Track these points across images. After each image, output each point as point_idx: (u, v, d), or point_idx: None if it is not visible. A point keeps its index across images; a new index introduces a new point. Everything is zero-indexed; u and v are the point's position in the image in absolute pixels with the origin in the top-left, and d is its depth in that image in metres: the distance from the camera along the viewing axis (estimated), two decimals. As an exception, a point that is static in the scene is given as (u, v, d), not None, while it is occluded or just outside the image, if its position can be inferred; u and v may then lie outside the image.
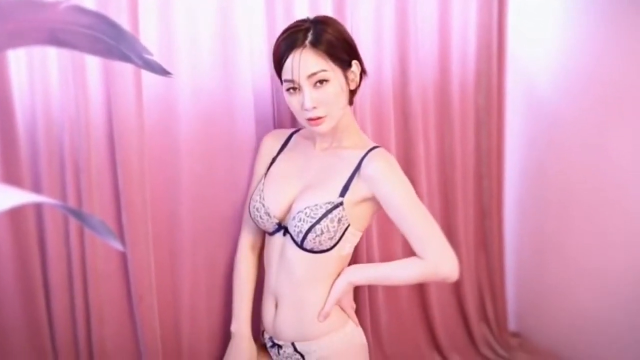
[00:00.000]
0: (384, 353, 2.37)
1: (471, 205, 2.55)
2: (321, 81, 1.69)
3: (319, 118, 1.71)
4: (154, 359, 1.91)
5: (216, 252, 2.03)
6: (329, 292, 1.80)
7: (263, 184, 1.87)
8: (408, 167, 2.34)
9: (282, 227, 1.82)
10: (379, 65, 2.21)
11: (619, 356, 2.36)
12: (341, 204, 1.74)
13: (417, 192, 2.30)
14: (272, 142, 1.95)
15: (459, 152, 2.46)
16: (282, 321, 1.83)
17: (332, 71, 1.70)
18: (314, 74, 1.68)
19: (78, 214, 1.20)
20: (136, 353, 1.92)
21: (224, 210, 2.02)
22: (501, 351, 2.61)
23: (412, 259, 1.75)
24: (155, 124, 1.89)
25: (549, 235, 2.61)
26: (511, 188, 2.66)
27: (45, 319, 1.80)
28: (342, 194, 1.75)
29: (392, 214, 1.75)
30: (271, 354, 1.91)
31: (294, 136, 1.95)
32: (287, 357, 1.86)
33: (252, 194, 1.89)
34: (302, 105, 1.70)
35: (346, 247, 1.79)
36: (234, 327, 1.91)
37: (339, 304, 1.83)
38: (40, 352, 1.79)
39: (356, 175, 1.76)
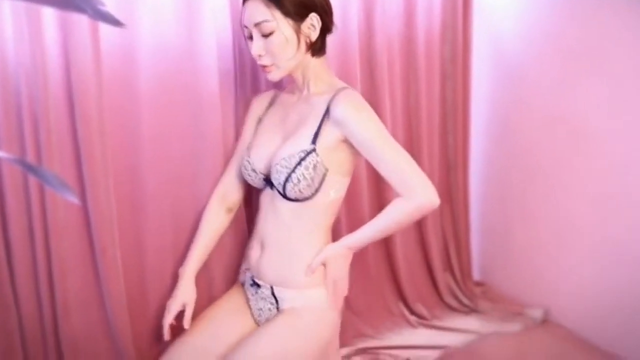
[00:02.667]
0: (348, 303, 2.41)
1: (436, 158, 2.56)
2: (268, 31, 1.73)
3: (266, 66, 1.78)
4: (120, 312, 1.91)
5: (180, 206, 2.03)
6: (320, 247, 1.84)
7: (251, 143, 1.92)
8: (373, 119, 2.35)
9: (269, 181, 1.85)
10: (345, 17, 2.19)
11: (579, 301, 2.43)
12: (313, 150, 1.76)
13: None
14: (258, 103, 2.01)
15: (425, 105, 2.46)
16: (266, 263, 1.87)
17: (276, 22, 1.73)
18: (258, 23, 1.73)
19: (31, 168, 1.19)
20: (101, 306, 1.93)
21: (187, 163, 2.02)
22: (465, 300, 2.67)
23: (395, 205, 1.78)
24: (115, 77, 1.86)
25: (513, 187, 2.65)
26: (476, 141, 2.68)
27: (6, 274, 1.78)
28: (314, 140, 1.77)
29: (366, 154, 1.77)
30: (248, 292, 1.95)
31: (278, 94, 2.00)
32: (262, 298, 1.89)
33: (242, 154, 1.95)
34: (250, 51, 1.77)
35: (331, 193, 1.82)
36: (180, 270, 1.95)
37: (333, 282, 1.84)
38: (2, 308, 1.78)
39: (325, 120, 1.78)
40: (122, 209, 1.94)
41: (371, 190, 2.43)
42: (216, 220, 2.00)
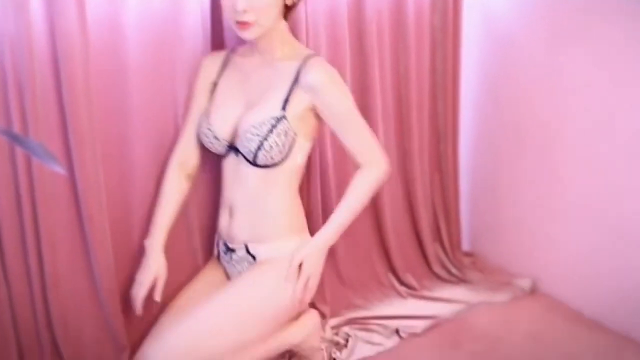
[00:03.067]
0: (338, 274, 2.42)
1: (426, 127, 2.55)
2: None
3: (246, 23, 1.73)
4: (108, 280, 1.91)
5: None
6: (289, 208, 1.89)
7: (209, 109, 1.90)
8: (363, 89, 2.33)
9: (233, 148, 1.85)
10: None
11: (568, 272, 2.45)
12: (284, 117, 1.78)
13: (372, 115, 2.34)
14: (209, 65, 1.96)
15: (414, 74, 2.44)
16: (237, 225, 1.90)
17: None
18: None
19: (17, 138, 1.18)
20: (90, 275, 1.92)
21: (174, 130, 2.01)
22: (454, 270, 2.67)
23: (358, 182, 1.87)
24: (101, 43, 1.84)
25: (503, 158, 2.64)
26: (466, 110, 2.67)
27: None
28: (284, 107, 1.79)
29: (335, 125, 1.84)
30: (223, 261, 1.97)
31: (231, 56, 1.96)
32: (239, 261, 1.92)
33: (199, 120, 1.92)
34: (235, 5, 1.71)
35: (298, 158, 1.86)
36: (146, 241, 1.93)
37: (306, 278, 1.86)
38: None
39: (295, 86, 1.79)
40: (109, 177, 1.92)
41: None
42: (177, 188, 1.98)
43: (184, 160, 1.98)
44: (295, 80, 1.80)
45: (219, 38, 2.05)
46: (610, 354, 2.14)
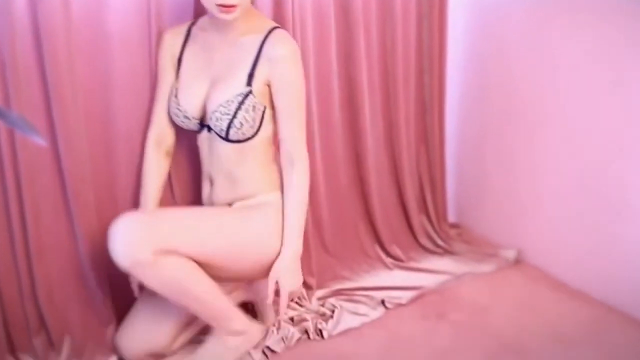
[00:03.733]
0: (325, 246, 2.43)
1: (412, 100, 2.54)
2: None
3: (233, 6, 1.71)
4: (92, 254, 1.91)
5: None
6: (268, 176, 1.91)
7: (177, 88, 1.89)
8: (348, 62, 2.32)
9: (204, 125, 1.87)
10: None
11: (553, 243, 2.47)
12: (250, 92, 1.78)
13: (358, 87, 2.34)
14: (171, 40, 1.93)
15: (401, 47, 2.42)
16: (218, 191, 1.92)
17: None
18: None
19: (-2, 110, 1.16)
20: (75, 248, 1.93)
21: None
22: (440, 242, 2.69)
23: (293, 182, 1.87)
24: (83, 15, 1.82)
25: (490, 129, 2.65)
26: (453, 82, 2.67)
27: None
28: (249, 82, 1.79)
29: (279, 102, 1.83)
30: None
31: (192, 30, 1.93)
32: None
33: (168, 99, 1.91)
34: None
35: (269, 128, 1.87)
36: None
37: (289, 294, 1.88)
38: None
39: (259, 60, 1.79)
40: (95, 151, 1.92)
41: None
42: (158, 167, 1.99)
43: (160, 139, 1.98)
44: (259, 54, 1.79)
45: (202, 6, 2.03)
46: (593, 323, 2.17)
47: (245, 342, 1.91)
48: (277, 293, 1.86)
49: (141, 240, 1.63)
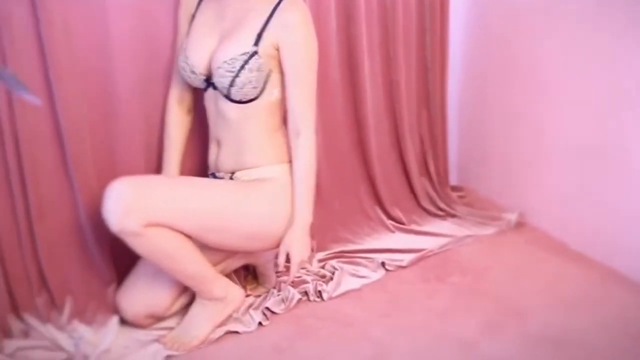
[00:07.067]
0: (325, 208, 2.42)
1: (413, 60, 2.52)
2: None
3: None
4: (92, 215, 1.90)
5: (152, 110, 2.02)
6: (272, 143, 1.90)
7: (186, 42, 1.89)
8: (348, 22, 2.30)
9: (210, 83, 1.86)
10: None
11: (553, 203, 2.47)
12: (256, 52, 1.77)
13: (358, 48, 2.32)
14: None
15: (401, 5, 2.39)
16: (224, 156, 1.92)
17: None
18: None
19: (-11, 68, 1.16)
20: (75, 210, 1.93)
21: (159, 67, 2.00)
22: (441, 204, 2.68)
23: (301, 154, 1.87)
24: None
25: (493, 91, 2.62)
26: (454, 42, 2.63)
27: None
28: (256, 42, 1.78)
29: (288, 70, 1.82)
30: None
31: None
32: None
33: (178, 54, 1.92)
34: None
35: (274, 92, 1.86)
36: None
37: (299, 264, 1.91)
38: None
39: (270, 22, 1.78)
40: (94, 116, 1.91)
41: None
42: (181, 124, 2.03)
43: (181, 96, 2.01)
44: (271, 16, 1.78)
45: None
46: (594, 284, 2.17)
47: (226, 307, 1.94)
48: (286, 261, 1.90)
49: (132, 211, 1.65)
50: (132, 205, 1.65)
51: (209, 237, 1.81)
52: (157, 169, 2.06)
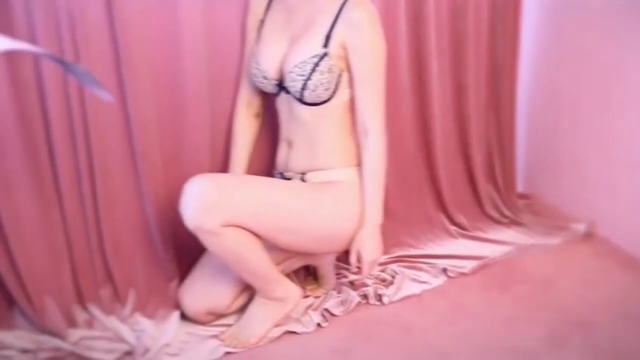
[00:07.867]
0: (389, 213, 2.39)
1: (483, 63, 2.47)
2: None
3: None
4: (158, 211, 1.95)
5: (219, 108, 2.03)
6: (345, 143, 1.91)
7: (257, 49, 1.91)
8: (417, 22, 2.27)
9: (282, 87, 1.87)
10: None
11: (625, 215, 2.39)
12: (326, 54, 1.77)
13: (426, 48, 2.29)
14: (256, 1, 1.95)
15: (472, 5, 2.34)
16: (295, 155, 1.93)
17: None
18: None
19: (64, 64, 1.18)
20: (141, 207, 1.96)
21: (227, 66, 2.01)
22: (507, 212, 2.63)
23: (370, 156, 1.86)
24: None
25: (564, 96, 2.56)
26: (526, 45, 2.57)
27: (49, 174, 1.82)
28: (326, 44, 1.78)
29: (356, 71, 1.81)
30: None
31: None
32: None
33: (250, 58, 1.94)
34: None
35: (347, 92, 1.85)
36: None
37: (371, 264, 1.92)
38: (47, 207, 1.83)
39: (338, 21, 1.78)
40: (162, 112, 1.94)
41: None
42: (248, 128, 2.05)
43: (249, 100, 2.03)
44: (338, 15, 1.78)
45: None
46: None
47: (284, 306, 1.94)
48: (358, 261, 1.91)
49: (212, 209, 1.67)
50: (214, 204, 1.67)
51: (280, 238, 1.82)
52: (222, 166, 2.08)
